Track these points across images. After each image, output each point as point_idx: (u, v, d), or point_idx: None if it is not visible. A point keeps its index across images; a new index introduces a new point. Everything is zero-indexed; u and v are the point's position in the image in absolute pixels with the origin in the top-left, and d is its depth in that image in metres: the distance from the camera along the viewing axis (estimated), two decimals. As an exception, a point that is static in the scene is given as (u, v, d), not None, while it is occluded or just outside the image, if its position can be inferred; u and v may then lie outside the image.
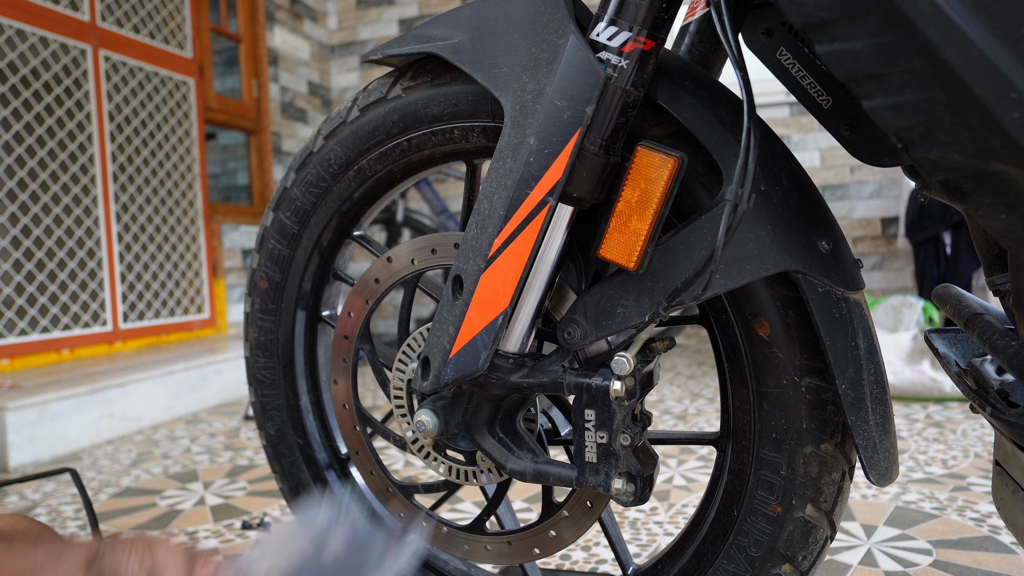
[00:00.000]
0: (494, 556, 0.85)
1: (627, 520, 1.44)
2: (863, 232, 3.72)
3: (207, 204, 3.50)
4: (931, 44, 0.41)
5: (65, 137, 2.78)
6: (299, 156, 0.91)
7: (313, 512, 0.63)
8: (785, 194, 0.63)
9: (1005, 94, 0.41)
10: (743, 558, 0.72)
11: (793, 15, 0.46)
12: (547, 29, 0.67)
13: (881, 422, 0.65)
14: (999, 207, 0.46)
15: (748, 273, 0.62)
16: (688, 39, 0.81)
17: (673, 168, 0.61)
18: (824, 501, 0.69)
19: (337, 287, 1.00)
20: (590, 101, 0.63)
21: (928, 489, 1.56)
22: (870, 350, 0.65)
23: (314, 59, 4.41)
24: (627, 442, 0.68)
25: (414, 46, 0.78)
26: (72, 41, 2.81)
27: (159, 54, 3.23)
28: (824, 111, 0.71)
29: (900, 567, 1.19)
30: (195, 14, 3.45)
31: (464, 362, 0.70)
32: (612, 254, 0.64)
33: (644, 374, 0.69)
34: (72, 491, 1.80)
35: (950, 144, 0.44)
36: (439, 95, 0.79)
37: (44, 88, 2.71)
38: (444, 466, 0.83)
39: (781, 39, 0.72)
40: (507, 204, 0.66)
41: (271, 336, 0.98)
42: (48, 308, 2.71)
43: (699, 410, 2.39)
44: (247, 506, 1.64)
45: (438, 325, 0.72)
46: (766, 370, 0.68)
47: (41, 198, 2.68)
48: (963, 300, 0.75)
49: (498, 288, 0.68)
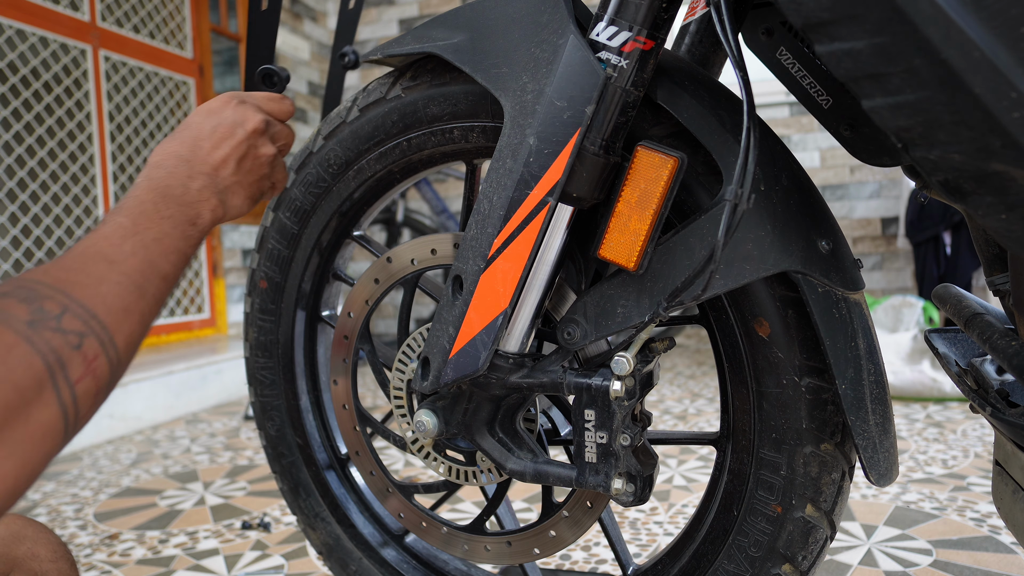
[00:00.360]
0: (494, 556, 0.85)
1: (627, 520, 1.44)
2: (863, 232, 3.72)
3: (207, 204, 3.49)
4: (931, 44, 0.41)
5: (65, 137, 2.78)
6: (299, 156, 0.91)
7: None
8: (785, 194, 0.63)
9: (1005, 94, 0.41)
10: (743, 558, 0.72)
11: (793, 15, 0.46)
12: (547, 29, 0.67)
13: (881, 422, 0.65)
14: (999, 207, 0.46)
15: (748, 273, 0.62)
16: (688, 39, 0.81)
17: (673, 168, 0.61)
18: (824, 501, 0.69)
19: (337, 287, 1.00)
20: (590, 101, 0.63)
21: (928, 489, 1.56)
22: (870, 350, 0.65)
23: (314, 59, 4.41)
24: (627, 442, 0.68)
25: (414, 46, 0.77)
26: (72, 41, 2.81)
27: (159, 54, 3.23)
28: (824, 111, 0.71)
29: (900, 567, 1.19)
30: (195, 14, 3.45)
31: (464, 362, 0.70)
32: (612, 254, 0.64)
33: (644, 374, 0.69)
34: (72, 491, 1.80)
35: (950, 144, 0.44)
36: (439, 95, 0.79)
37: (44, 88, 2.71)
38: (444, 466, 0.83)
39: (781, 39, 0.72)
40: (507, 204, 0.66)
41: (271, 336, 0.98)
42: (48, 308, 2.70)
43: (699, 410, 2.39)
44: (247, 506, 1.64)
45: (438, 325, 0.72)
46: (766, 370, 0.68)
47: (41, 198, 2.68)
48: (963, 300, 0.75)
49: (498, 288, 0.68)
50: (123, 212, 0.57)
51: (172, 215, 0.59)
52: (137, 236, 0.55)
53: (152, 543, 1.44)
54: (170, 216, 0.59)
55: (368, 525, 0.98)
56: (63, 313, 0.45)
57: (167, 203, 0.59)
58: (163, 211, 0.58)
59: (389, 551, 0.97)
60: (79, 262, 0.51)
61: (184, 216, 0.60)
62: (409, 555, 0.97)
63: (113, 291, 0.50)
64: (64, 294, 0.46)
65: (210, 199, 0.63)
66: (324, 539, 0.99)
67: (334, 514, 0.99)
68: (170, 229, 0.58)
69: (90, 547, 1.43)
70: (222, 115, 0.68)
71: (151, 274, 0.54)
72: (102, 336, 0.47)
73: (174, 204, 0.60)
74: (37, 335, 0.43)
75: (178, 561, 1.34)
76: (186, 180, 0.62)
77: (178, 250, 0.58)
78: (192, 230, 0.60)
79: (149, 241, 0.55)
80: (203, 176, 0.64)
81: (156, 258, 0.55)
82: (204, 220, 0.62)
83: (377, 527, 0.98)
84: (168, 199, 0.59)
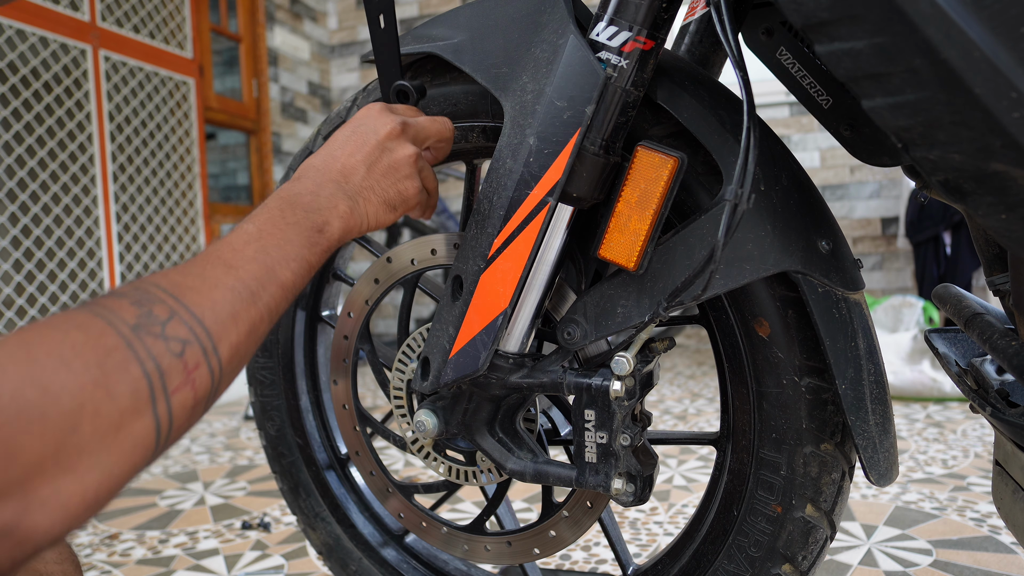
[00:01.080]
0: (494, 556, 0.85)
1: (627, 520, 1.44)
2: (863, 232, 3.72)
3: (207, 204, 3.50)
4: (931, 44, 0.41)
5: (65, 137, 2.78)
6: (299, 156, 0.91)
7: None
8: (785, 194, 0.63)
9: (1005, 94, 0.41)
10: (743, 558, 0.72)
11: (793, 15, 0.46)
12: (547, 29, 0.67)
13: (881, 422, 0.65)
14: (999, 207, 0.46)
15: (748, 273, 0.62)
16: (688, 39, 0.81)
17: (673, 168, 0.61)
18: (824, 501, 0.69)
19: (337, 287, 1.00)
20: (590, 101, 0.63)
21: (928, 489, 1.56)
22: (870, 350, 0.65)
23: (314, 59, 4.41)
24: (627, 442, 0.68)
25: (414, 46, 0.77)
26: (72, 41, 2.81)
27: (159, 54, 3.23)
28: (824, 111, 0.71)
29: (900, 567, 1.19)
30: (195, 14, 3.45)
31: (464, 362, 0.70)
32: (612, 254, 0.64)
33: (644, 374, 0.69)
34: (72, 491, 1.80)
35: (950, 144, 0.44)
36: (438, 95, 0.79)
37: (44, 88, 2.71)
38: (444, 466, 0.83)
39: (781, 39, 0.72)
40: (507, 204, 0.66)
41: (271, 336, 0.97)
42: (48, 308, 2.71)
43: (699, 410, 2.39)
44: (247, 506, 1.64)
45: (438, 325, 0.72)
46: (766, 370, 0.68)
47: (41, 198, 2.68)
48: (963, 300, 0.75)
49: (498, 288, 0.68)
50: (251, 219, 0.56)
51: (298, 221, 0.57)
52: (260, 241, 0.53)
53: (152, 543, 1.44)
54: (296, 222, 0.56)
55: (368, 525, 0.98)
56: (170, 318, 0.43)
57: (294, 210, 0.57)
58: (289, 217, 0.56)
59: (389, 551, 0.97)
60: (198, 266, 0.49)
61: (310, 222, 0.57)
62: (409, 555, 0.97)
63: (225, 297, 0.48)
64: (175, 298, 0.45)
65: (338, 206, 0.60)
66: (324, 539, 0.99)
67: (334, 514, 0.99)
68: (294, 236, 0.56)
69: (90, 547, 1.43)
70: (359, 123, 0.66)
71: (268, 281, 0.51)
72: (206, 344, 0.45)
73: (300, 210, 0.58)
74: (139, 340, 0.41)
75: (178, 561, 1.34)
76: (315, 188, 0.61)
77: (301, 257, 0.55)
78: (319, 237, 0.58)
79: (270, 246, 0.53)
80: (332, 183, 0.62)
81: (275, 264, 0.53)
82: (332, 228, 0.59)
83: (377, 527, 0.98)
84: (295, 206, 0.58)
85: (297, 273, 0.54)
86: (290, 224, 0.56)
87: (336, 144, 0.65)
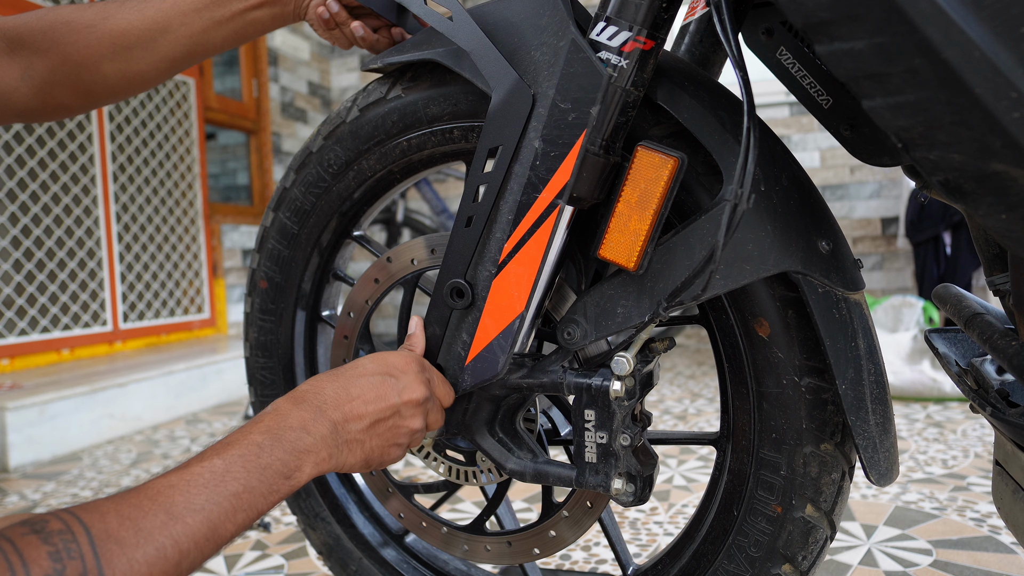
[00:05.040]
0: (494, 556, 0.85)
1: (627, 520, 1.44)
2: (863, 232, 3.72)
3: (207, 204, 3.50)
4: (931, 44, 0.41)
5: (65, 137, 2.78)
6: (299, 156, 0.91)
7: None
8: (785, 194, 0.63)
9: (1005, 94, 0.41)
10: (743, 558, 0.72)
11: (793, 15, 0.46)
12: (547, 32, 0.67)
13: (881, 422, 0.65)
14: (999, 207, 0.46)
15: (748, 273, 0.62)
16: (688, 39, 0.81)
17: (673, 168, 0.61)
18: (824, 501, 0.69)
19: (337, 287, 1.00)
20: (594, 102, 0.63)
21: (928, 489, 1.56)
22: (870, 350, 0.65)
23: (314, 59, 4.41)
24: (627, 442, 0.68)
25: (414, 53, 0.78)
26: (72, 41, 2.80)
27: (159, 54, 3.23)
28: (824, 111, 0.71)
29: (900, 567, 1.19)
30: (195, 14, 3.45)
31: (482, 368, 0.71)
32: (612, 254, 0.64)
33: (644, 374, 0.69)
34: (72, 491, 1.80)
35: (950, 144, 0.44)
36: (439, 95, 0.79)
37: (44, 88, 2.70)
38: (444, 466, 0.83)
39: (781, 39, 0.72)
40: (515, 208, 0.67)
41: (271, 336, 0.98)
42: (48, 308, 2.71)
43: (699, 410, 2.39)
44: (247, 506, 1.64)
45: (449, 333, 0.73)
46: (766, 370, 0.68)
47: (41, 198, 2.68)
48: (963, 300, 0.75)
49: (512, 292, 0.68)
50: (228, 448, 0.54)
51: (270, 464, 0.55)
52: (218, 487, 0.51)
53: (152, 543, 1.44)
54: (267, 466, 0.54)
55: (368, 525, 0.98)
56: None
57: (272, 448, 0.55)
58: (264, 458, 0.55)
59: (389, 551, 0.97)
60: (142, 508, 0.47)
61: (283, 466, 0.55)
62: (409, 555, 0.97)
63: (147, 557, 0.45)
64: (96, 556, 0.43)
65: (321, 451, 0.59)
66: (324, 539, 0.99)
67: (334, 514, 0.99)
68: (257, 483, 0.53)
69: (90, 547, 1.43)
70: (392, 373, 0.65)
71: (206, 541, 0.49)
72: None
73: (280, 450, 0.56)
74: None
75: (178, 561, 1.34)
76: (310, 423, 0.59)
77: (253, 508, 0.53)
78: (283, 484, 0.56)
79: (227, 495, 0.51)
80: (329, 424, 0.60)
81: (222, 519, 0.50)
82: (302, 474, 0.57)
83: (377, 527, 0.98)
84: (277, 443, 0.56)
85: (241, 525, 0.52)
86: (262, 467, 0.54)
87: (360, 382, 0.64)
